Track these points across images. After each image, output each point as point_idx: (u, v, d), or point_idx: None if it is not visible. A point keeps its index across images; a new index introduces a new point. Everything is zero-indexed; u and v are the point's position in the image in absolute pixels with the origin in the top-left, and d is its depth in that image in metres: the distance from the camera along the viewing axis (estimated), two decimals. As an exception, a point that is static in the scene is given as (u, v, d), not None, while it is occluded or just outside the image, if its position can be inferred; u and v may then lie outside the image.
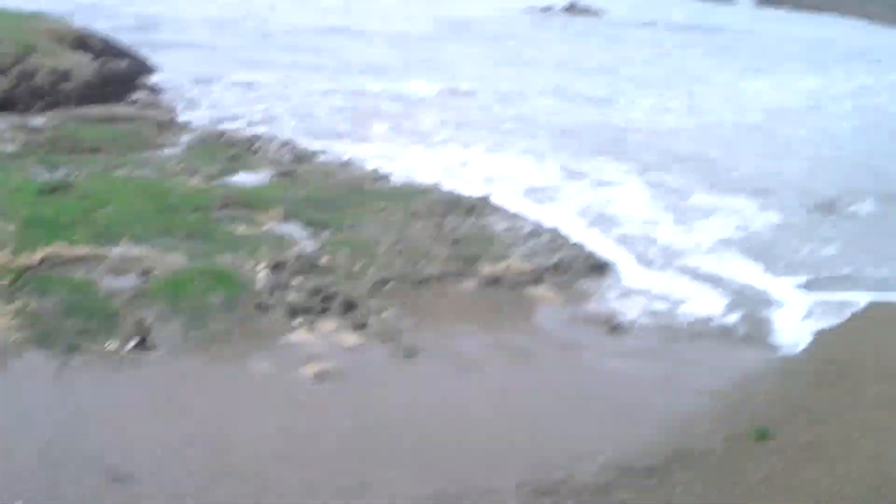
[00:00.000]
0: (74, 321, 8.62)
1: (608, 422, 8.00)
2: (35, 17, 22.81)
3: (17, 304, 8.80)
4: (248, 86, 23.37)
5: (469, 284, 10.87)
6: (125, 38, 25.04)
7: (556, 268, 11.77)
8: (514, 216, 13.90)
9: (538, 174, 16.72)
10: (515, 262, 11.48)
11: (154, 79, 23.16)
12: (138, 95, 21.57)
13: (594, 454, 7.26)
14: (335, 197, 13.23)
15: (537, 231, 13.12)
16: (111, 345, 8.47)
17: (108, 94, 20.79)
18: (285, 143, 17.30)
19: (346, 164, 16.09)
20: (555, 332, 10.07)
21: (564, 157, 17.77)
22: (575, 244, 12.75)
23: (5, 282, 9.10)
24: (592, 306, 10.89)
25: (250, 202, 12.13)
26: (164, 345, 8.62)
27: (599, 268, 12.10)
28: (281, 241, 11.08)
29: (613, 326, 10.31)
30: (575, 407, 8.25)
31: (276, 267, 10.51)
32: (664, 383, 8.87)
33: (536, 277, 11.34)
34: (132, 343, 8.51)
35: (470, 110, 22.29)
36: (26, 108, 18.37)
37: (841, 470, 7.10)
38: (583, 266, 11.94)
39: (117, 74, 22.04)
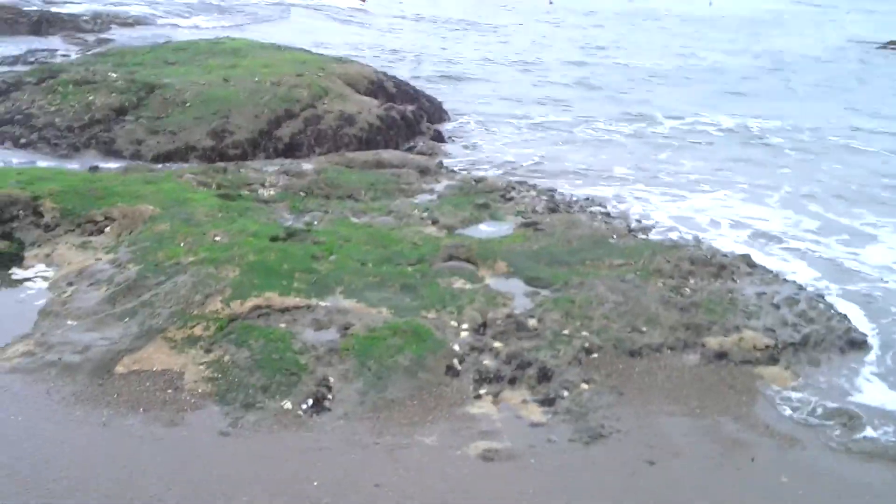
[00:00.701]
0: (260, 376, 8.63)
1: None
2: (337, 60, 23.95)
3: (215, 353, 8.91)
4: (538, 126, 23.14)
5: (691, 358, 9.80)
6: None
7: (803, 343, 10.22)
8: (775, 278, 12.38)
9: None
10: (750, 334, 10.14)
11: (445, 124, 23.39)
12: (420, 140, 21.96)
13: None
14: (573, 250, 12.54)
15: (793, 298, 11.56)
16: (287, 404, 8.28)
17: (390, 139, 21.44)
18: (546, 190, 16.75)
19: (600, 214, 15.21)
20: (777, 423, 8.58)
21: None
22: (836, 315, 11.07)
23: (210, 331, 9.19)
24: (833, 394, 9.36)
25: (477, 255, 11.66)
26: (339, 407, 8.41)
27: (857, 346, 10.34)
28: (494, 299, 10.51)
29: (851, 417, 8.70)
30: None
31: (480, 327, 9.93)
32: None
33: (772, 355, 9.88)
34: (307, 403, 8.29)
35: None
36: (309, 153, 19.26)
37: None
38: (835, 343, 10.28)
39: (403, 119, 22.50)
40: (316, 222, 13.06)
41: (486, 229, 14.06)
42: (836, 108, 28.76)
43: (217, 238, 11.40)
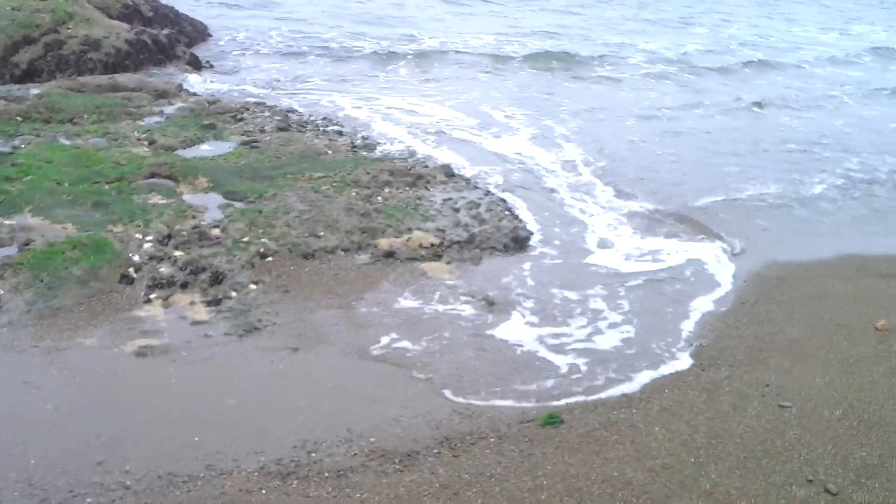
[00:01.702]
0: (-75, 291, 8.83)
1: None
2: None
3: None
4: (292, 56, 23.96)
5: (362, 258, 10.70)
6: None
7: (469, 242, 11.32)
8: (467, 185, 13.50)
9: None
10: (420, 235, 11.16)
11: (207, 46, 23.40)
12: (174, 64, 21.92)
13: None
14: (279, 165, 13.19)
15: (475, 202, 12.70)
16: (-48, 314, 8.64)
17: (140, 63, 21.30)
18: (283, 111, 17.30)
19: (333, 133, 15.94)
20: (419, 307, 10.04)
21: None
22: (512, 216, 12.70)
23: None
24: (481, 282, 10.70)
25: (179, 172, 12.15)
26: (4, 316, 8.81)
27: (520, 242, 11.56)
28: (184, 212, 11.08)
29: (490, 303, 9.87)
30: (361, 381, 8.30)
31: (165, 239, 10.49)
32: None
33: (437, 252, 10.94)
34: (-28, 314, 8.68)
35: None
36: (50, 79, 18.97)
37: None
38: (501, 241, 11.45)
39: (156, 43, 22.33)
40: (23, 146, 13.16)
41: (206, 149, 14.52)
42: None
43: None
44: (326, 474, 6.81)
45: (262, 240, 10.58)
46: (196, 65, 22.08)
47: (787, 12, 48.10)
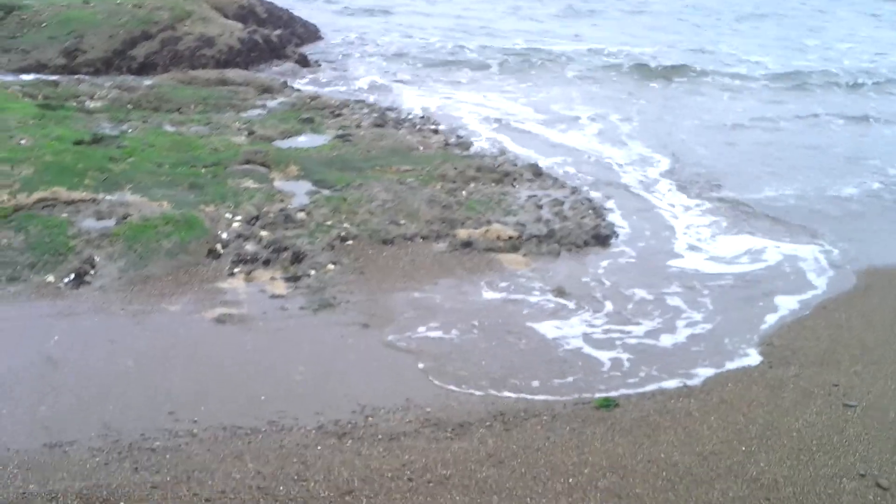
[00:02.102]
0: (30, 255, 9.60)
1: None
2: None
3: (-5, 238, 9.86)
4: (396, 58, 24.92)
5: (439, 246, 10.98)
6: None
7: (549, 237, 11.53)
8: (555, 184, 13.73)
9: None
10: (499, 228, 11.43)
11: (315, 48, 24.33)
12: (284, 62, 22.80)
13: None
14: (369, 158, 13.65)
15: (560, 200, 12.91)
16: (50, 277, 9.33)
17: (250, 61, 22.22)
18: (382, 108, 17.86)
19: (428, 131, 16.39)
20: (489, 295, 10.23)
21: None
22: (596, 214, 12.81)
23: (-4, 219, 10.17)
24: (556, 276, 10.83)
25: (272, 159, 12.73)
26: (98, 281, 9.44)
27: (600, 240, 11.71)
28: (273, 196, 11.61)
29: (562, 293, 10.06)
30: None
31: (253, 219, 11.04)
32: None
33: (515, 244, 11.18)
34: (69, 278, 9.35)
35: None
36: (163, 73, 20.01)
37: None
38: (581, 237, 11.62)
39: (267, 42, 23.24)
40: (130, 130, 13.95)
41: (302, 140, 15.11)
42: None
43: (23, 142, 12.27)
44: (380, 437, 7.08)
45: (344, 225, 10.97)
46: (304, 63, 22.92)
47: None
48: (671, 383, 8.29)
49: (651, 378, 8.37)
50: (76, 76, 18.50)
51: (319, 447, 6.88)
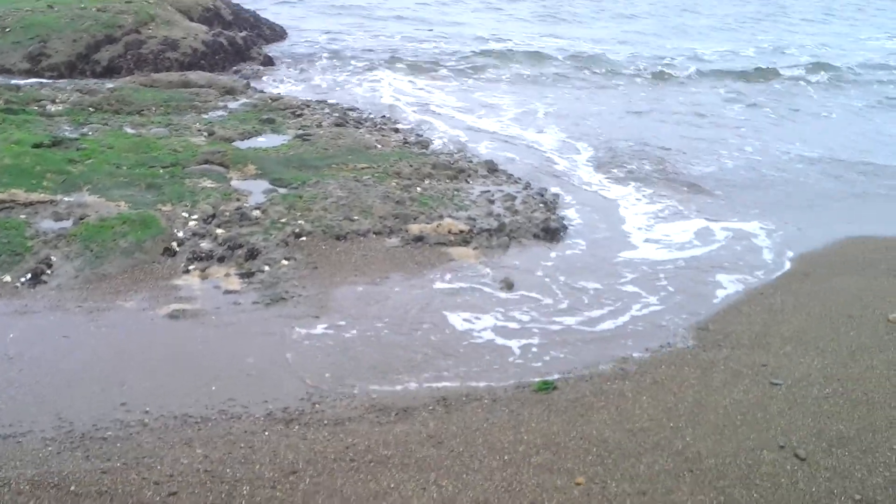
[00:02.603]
0: (-13, 255, 9.78)
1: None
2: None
3: (-48, 239, 10.07)
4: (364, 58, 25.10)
5: (392, 241, 11.29)
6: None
7: (499, 230, 11.85)
8: (508, 180, 14.08)
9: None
10: (450, 222, 11.75)
11: (281, 49, 24.64)
12: (248, 65, 23.04)
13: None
14: (326, 156, 13.93)
15: (512, 195, 13.24)
16: (6, 277, 9.58)
17: (215, 63, 22.44)
18: (344, 108, 18.19)
19: (388, 129, 16.70)
20: (436, 286, 10.56)
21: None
22: (546, 208, 13.09)
23: (-48, 220, 10.38)
24: (504, 268, 11.15)
25: (231, 159, 13.01)
26: (55, 280, 9.70)
27: (551, 233, 12.06)
28: (230, 195, 11.89)
29: (509, 285, 10.38)
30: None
31: (209, 218, 11.32)
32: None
33: (466, 238, 11.51)
34: (25, 277, 9.60)
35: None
36: (127, 76, 20.21)
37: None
38: (531, 231, 11.96)
39: (231, 44, 23.48)
40: (91, 133, 14.19)
41: (262, 141, 15.37)
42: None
43: (-19, 145, 12.47)
44: (326, 422, 7.40)
45: (299, 221, 11.27)
46: (269, 64, 23.13)
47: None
48: (607, 367, 8.57)
49: (585, 364, 8.65)
50: (39, 80, 18.51)
51: (267, 433, 7.18)
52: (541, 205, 12.99)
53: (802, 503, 6.43)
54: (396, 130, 16.98)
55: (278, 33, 28.12)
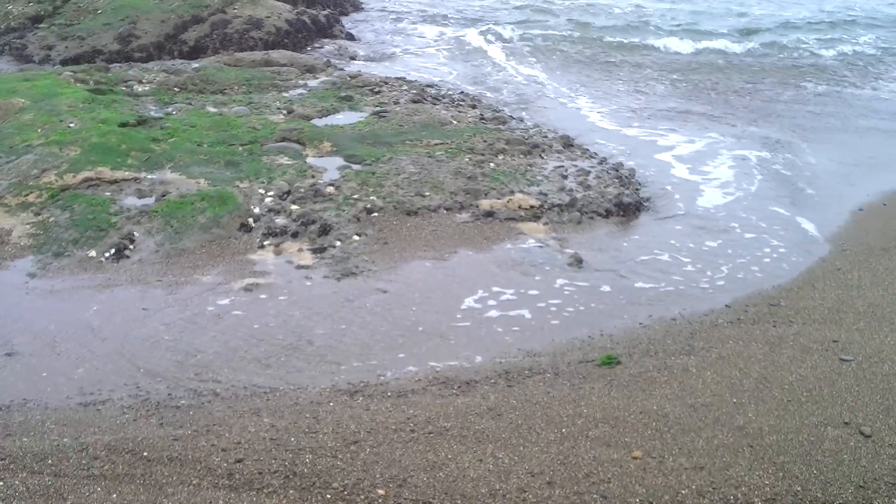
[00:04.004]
0: (74, 232, 10.32)
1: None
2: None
3: (42, 217, 10.65)
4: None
5: (462, 217, 11.44)
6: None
7: (570, 206, 11.91)
8: (584, 154, 14.09)
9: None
10: (521, 197, 11.84)
11: (360, 25, 24.97)
12: (328, 42, 23.42)
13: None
14: (400, 132, 14.13)
15: (585, 170, 13.26)
16: (92, 252, 10.06)
17: (298, 42, 22.84)
18: (422, 85, 18.38)
19: (466, 106, 16.83)
20: (509, 259, 10.64)
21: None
22: (615, 184, 13.02)
23: (42, 199, 10.94)
24: (576, 244, 11.15)
25: (307, 136, 13.32)
26: (136, 255, 10.14)
27: (623, 209, 12.06)
28: (305, 172, 12.20)
29: (579, 260, 10.45)
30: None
31: (285, 194, 11.65)
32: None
33: (537, 213, 11.60)
34: (110, 252, 10.07)
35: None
36: (214, 54, 20.75)
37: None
38: (603, 206, 11.98)
39: (314, 22, 23.88)
40: (175, 112, 14.65)
41: (340, 118, 15.62)
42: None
43: (72, 125, 13.03)
44: (389, 393, 7.59)
45: (371, 197, 11.47)
46: (351, 40, 23.48)
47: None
48: (674, 342, 8.58)
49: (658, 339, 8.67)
50: (128, 62, 19.13)
51: (332, 403, 7.41)
52: (615, 180, 12.87)
53: (864, 480, 6.33)
54: (474, 107, 17.04)
55: (359, 8, 28.34)
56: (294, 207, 11.14)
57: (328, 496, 6.01)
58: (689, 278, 10.12)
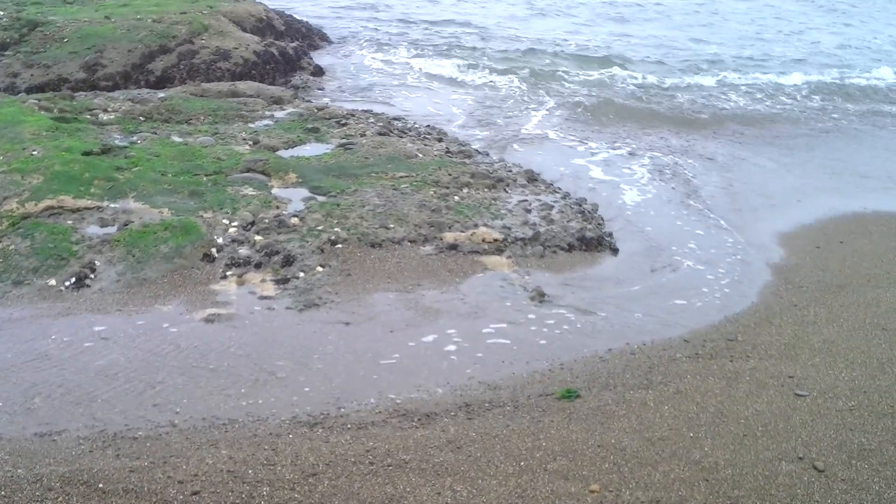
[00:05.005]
0: (34, 260, 10.23)
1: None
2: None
3: (2, 244, 10.55)
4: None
5: (426, 249, 11.48)
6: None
7: (533, 239, 11.99)
8: (547, 189, 14.21)
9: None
10: (485, 231, 11.92)
11: (327, 57, 25.11)
12: (299, 74, 23.49)
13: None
14: (366, 165, 14.18)
15: (549, 205, 13.38)
16: (52, 281, 9.98)
17: (266, 73, 22.90)
18: (388, 118, 18.44)
19: (431, 139, 16.93)
20: (467, 294, 10.70)
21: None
22: (576, 218, 13.13)
23: (3, 227, 10.85)
24: (536, 277, 11.22)
25: (272, 167, 13.33)
26: (97, 284, 10.07)
27: (586, 243, 12.15)
28: (269, 203, 12.20)
29: (541, 294, 10.51)
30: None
31: (249, 225, 11.64)
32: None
33: (499, 247, 11.67)
34: (70, 281, 9.99)
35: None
36: (180, 86, 20.74)
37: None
38: (565, 240, 12.07)
39: (282, 55, 23.95)
40: (139, 141, 14.62)
41: (306, 149, 15.65)
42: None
43: (34, 153, 12.96)
44: (349, 426, 7.59)
45: (335, 229, 11.50)
46: (319, 74, 23.53)
47: None
48: (634, 376, 8.66)
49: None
50: (94, 90, 19.08)
51: (291, 435, 7.40)
52: (577, 214, 13.00)
53: (817, 515, 6.40)
54: (440, 140, 17.14)
55: (327, 41, 28.51)
56: (258, 238, 11.15)
57: (285, 529, 5.97)
58: (650, 312, 10.18)
